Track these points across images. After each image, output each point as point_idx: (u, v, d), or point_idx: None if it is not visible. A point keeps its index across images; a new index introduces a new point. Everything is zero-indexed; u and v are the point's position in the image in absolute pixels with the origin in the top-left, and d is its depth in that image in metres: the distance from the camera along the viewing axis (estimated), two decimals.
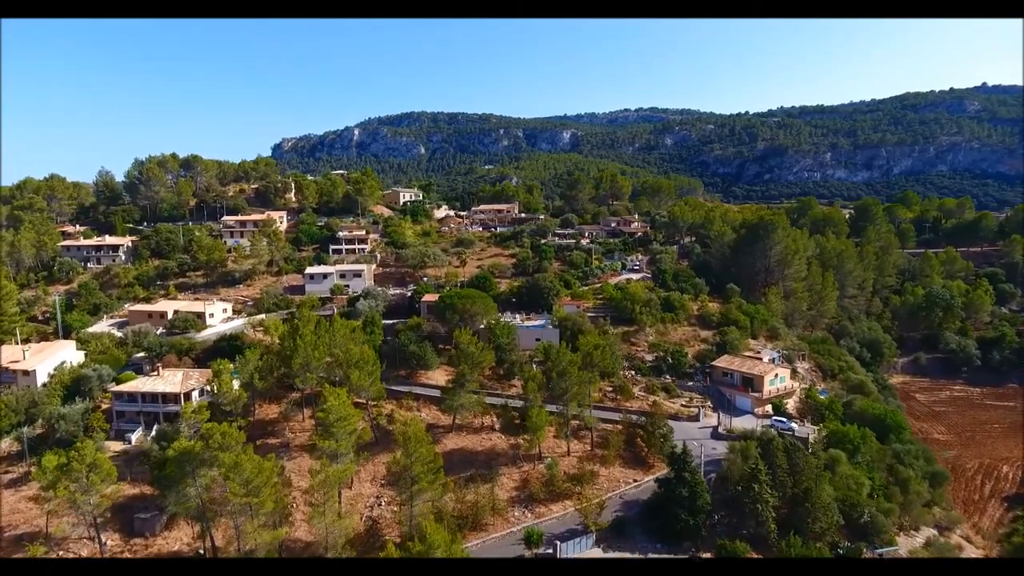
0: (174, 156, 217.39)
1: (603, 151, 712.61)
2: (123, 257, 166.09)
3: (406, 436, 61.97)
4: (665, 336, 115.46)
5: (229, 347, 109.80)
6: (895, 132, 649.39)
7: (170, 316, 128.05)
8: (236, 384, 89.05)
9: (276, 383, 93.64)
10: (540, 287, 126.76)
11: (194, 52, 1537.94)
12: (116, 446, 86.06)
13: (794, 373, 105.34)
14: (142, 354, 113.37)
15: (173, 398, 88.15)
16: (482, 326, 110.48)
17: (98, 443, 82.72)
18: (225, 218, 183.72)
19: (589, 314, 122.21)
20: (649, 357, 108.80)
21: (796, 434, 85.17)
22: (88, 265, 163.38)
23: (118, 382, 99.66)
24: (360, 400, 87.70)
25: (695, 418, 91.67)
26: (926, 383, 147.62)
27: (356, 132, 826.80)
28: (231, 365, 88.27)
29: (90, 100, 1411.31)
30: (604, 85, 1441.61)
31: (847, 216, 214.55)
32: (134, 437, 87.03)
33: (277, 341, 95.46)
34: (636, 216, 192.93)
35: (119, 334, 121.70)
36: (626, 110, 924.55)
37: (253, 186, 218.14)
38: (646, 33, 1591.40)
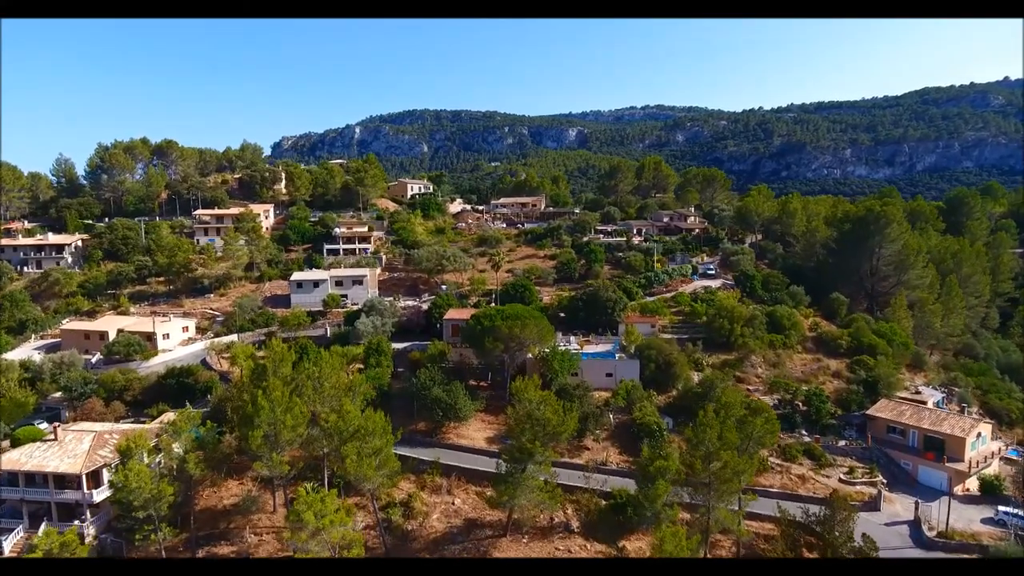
0: (144, 141, 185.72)
1: (612, 148, 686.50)
2: (69, 260, 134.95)
3: None
4: (779, 368, 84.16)
5: (177, 386, 78.90)
6: (917, 127, 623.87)
7: (112, 337, 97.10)
8: (178, 447, 57.66)
9: (235, 447, 62.51)
10: (600, 299, 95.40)
11: (193, 52, 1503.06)
12: None
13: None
14: (60, 394, 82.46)
15: (73, 481, 56.88)
16: (530, 355, 79.39)
17: None
18: (199, 212, 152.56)
19: (666, 335, 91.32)
20: (768, 400, 77.34)
21: None
22: (25, 269, 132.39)
23: (13, 442, 68.74)
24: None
25: (872, 505, 60.36)
26: None
27: (357, 130, 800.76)
28: (149, 438, 56.72)
29: (87, 100, 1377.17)
30: (609, 83, 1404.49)
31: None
32: (8, 543, 55.60)
33: (238, 385, 64.18)
34: (692, 209, 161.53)
35: (40, 362, 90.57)
36: (632, 108, 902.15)
37: (237, 176, 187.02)
38: (652, 32, 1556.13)
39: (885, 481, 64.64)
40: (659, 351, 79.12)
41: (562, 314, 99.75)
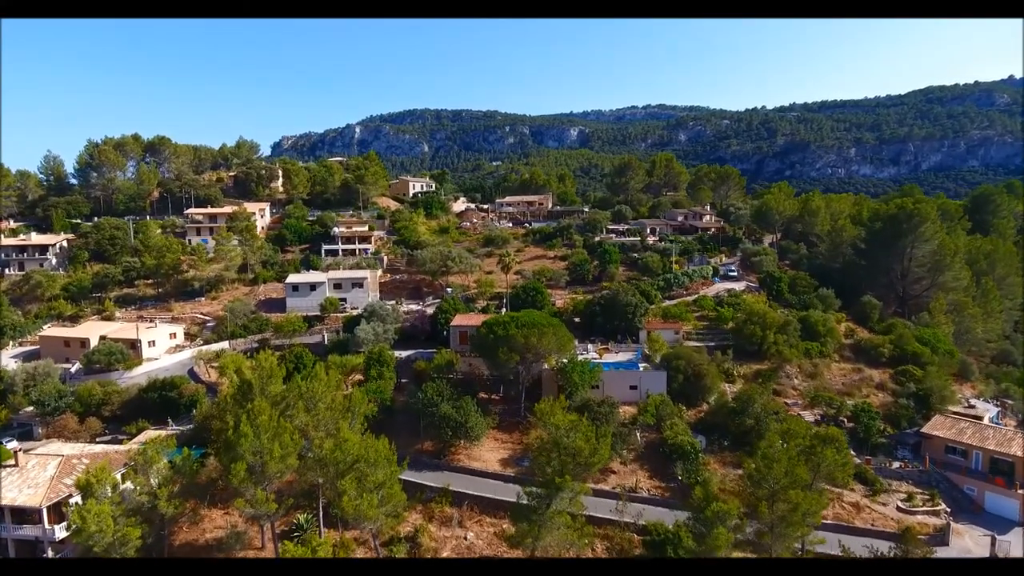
0: (136, 138, 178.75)
1: (614, 147, 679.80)
2: (54, 261, 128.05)
3: None
4: (817, 379, 77.25)
5: (160, 400, 72.05)
6: (922, 126, 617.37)
7: (94, 344, 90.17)
8: (153, 479, 50.69)
9: (221, 471, 55.52)
10: (619, 303, 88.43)
11: (194, 53, 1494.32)
12: None
13: None
14: (32, 408, 75.54)
15: (34, 514, 49.95)
16: (546, 366, 72.52)
17: None
18: (190, 211, 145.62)
19: (691, 342, 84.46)
20: (808, 416, 70.47)
21: None
22: (7, 271, 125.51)
23: None
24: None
25: (939, 539, 53.43)
26: None
27: (358, 130, 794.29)
28: (120, 464, 49.77)
29: (86, 100, 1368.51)
30: (610, 83, 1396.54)
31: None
32: None
33: (221, 404, 57.07)
34: (708, 208, 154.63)
35: (12, 372, 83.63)
36: (633, 107, 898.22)
37: (232, 174, 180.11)
38: (652, 32, 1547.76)
39: (949, 510, 57.74)
40: (688, 361, 72.20)
41: (577, 319, 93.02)
